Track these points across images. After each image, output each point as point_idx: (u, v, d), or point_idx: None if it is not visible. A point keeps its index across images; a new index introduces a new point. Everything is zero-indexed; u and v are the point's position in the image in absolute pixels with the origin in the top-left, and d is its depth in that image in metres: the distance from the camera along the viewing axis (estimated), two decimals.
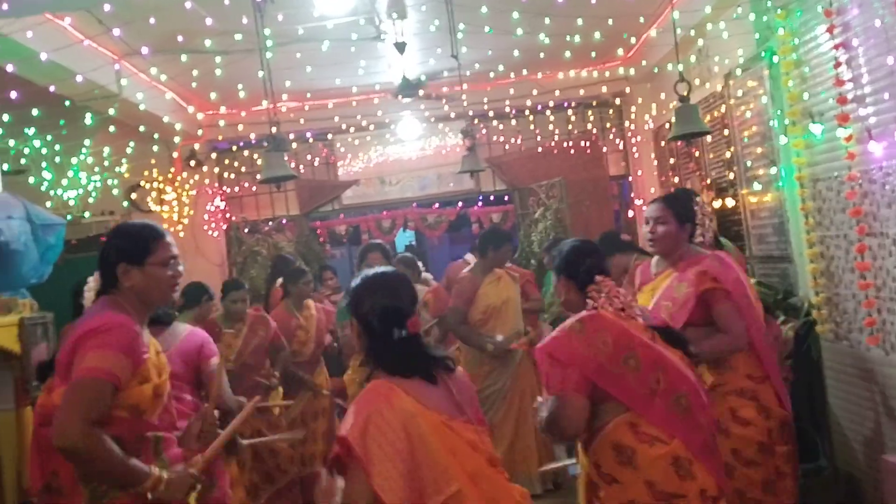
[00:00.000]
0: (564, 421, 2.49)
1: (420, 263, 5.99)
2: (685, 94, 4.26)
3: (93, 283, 2.42)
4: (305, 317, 5.81)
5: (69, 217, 4.50)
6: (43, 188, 5.57)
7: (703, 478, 2.43)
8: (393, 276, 2.36)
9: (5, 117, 4.41)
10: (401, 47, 5.43)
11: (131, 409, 2.22)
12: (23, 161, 4.55)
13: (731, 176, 5.51)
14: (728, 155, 5.54)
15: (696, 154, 6.25)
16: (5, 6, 3.60)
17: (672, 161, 6.96)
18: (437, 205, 8.89)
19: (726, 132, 5.51)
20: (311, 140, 8.23)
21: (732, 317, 3.12)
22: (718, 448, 2.59)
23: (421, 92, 6.31)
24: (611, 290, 2.61)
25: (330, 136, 8.23)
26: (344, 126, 7.92)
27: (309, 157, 8.32)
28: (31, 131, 4.57)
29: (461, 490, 2.03)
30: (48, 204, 5.33)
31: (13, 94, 4.50)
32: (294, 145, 7.82)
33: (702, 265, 3.21)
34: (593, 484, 2.54)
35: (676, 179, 6.84)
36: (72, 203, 5.43)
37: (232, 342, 5.06)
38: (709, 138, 5.81)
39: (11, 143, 4.30)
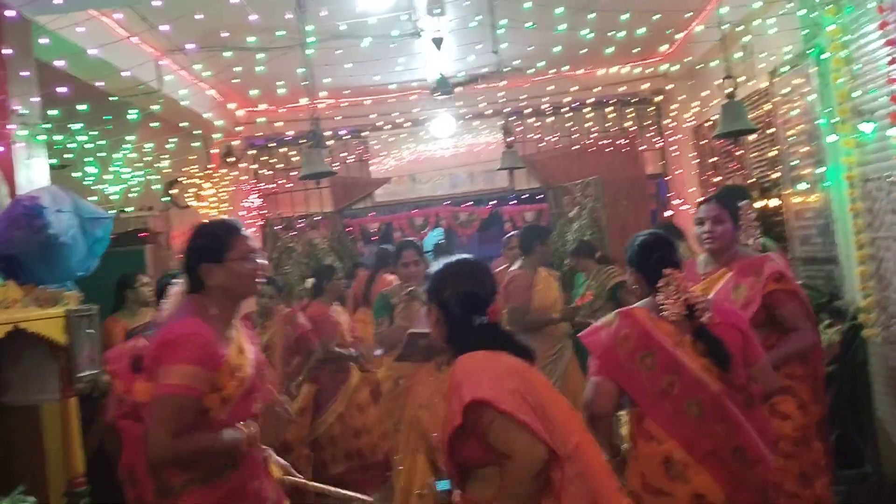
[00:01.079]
0: (594, 402, 2.65)
1: None
2: (731, 90, 4.20)
3: (178, 285, 2.45)
4: (338, 313, 5.89)
5: (112, 212, 4.55)
6: (86, 183, 5.64)
7: (702, 482, 2.48)
8: (474, 263, 2.37)
9: (54, 112, 4.47)
10: (438, 42, 5.42)
11: (200, 413, 2.31)
12: (66, 156, 4.61)
13: (775, 176, 5.42)
14: (772, 154, 5.45)
15: (739, 153, 6.16)
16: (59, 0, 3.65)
17: (713, 160, 6.87)
18: (469, 203, 8.88)
19: (770, 131, 5.42)
20: (346, 137, 8.25)
21: (800, 316, 3.13)
22: (749, 460, 2.53)
23: (459, 88, 6.29)
24: (679, 284, 2.64)
25: (364, 134, 8.25)
26: (379, 123, 7.93)
27: (343, 154, 8.34)
28: (77, 126, 4.62)
29: (580, 444, 2.09)
30: (92, 199, 5.39)
31: (61, 90, 4.55)
32: (330, 142, 7.86)
33: (768, 266, 3.17)
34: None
35: (718, 179, 6.75)
36: (114, 198, 5.49)
37: (260, 339, 5.17)
38: (752, 137, 5.72)
39: (59, 137, 4.35)
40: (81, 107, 4.72)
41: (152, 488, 2.32)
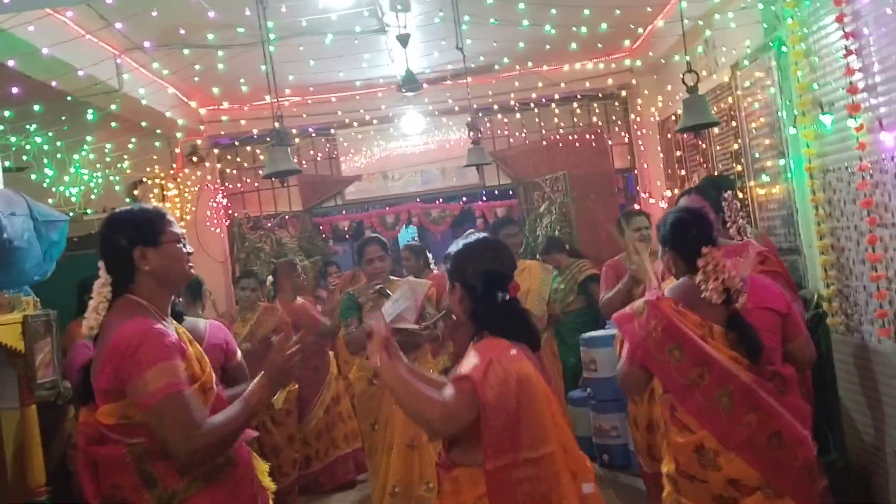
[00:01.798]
0: (625, 384, 2.80)
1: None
2: (693, 84, 4.22)
3: (100, 283, 2.26)
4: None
5: (71, 214, 4.46)
6: (45, 185, 5.52)
7: (734, 468, 2.49)
8: (494, 242, 2.46)
9: (6, 113, 4.37)
10: (404, 40, 5.39)
11: None
12: (24, 158, 4.50)
13: (739, 168, 5.46)
14: (735, 147, 5.49)
15: (703, 146, 6.20)
16: (6, 0, 3.55)
17: (679, 154, 6.91)
18: (440, 200, 8.85)
19: (734, 124, 5.46)
20: (313, 135, 8.19)
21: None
22: (786, 444, 2.54)
23: (425, 85, 6.26)
24: (718, 264, 2.61)
25: (333, 131, 8.19)
26: (347, 120, 7.88)
27: (311, 152, 8.28)
28: (32, 127, 4.52)
29: (554, 453, 2.16)
30: (50, 201, 5.29)
31: (14, 90, 4.46)
32: (296, 140, 7.79)
33: (751, 248, 3.21)
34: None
35: (683, 172, 6.79)
36: (74, 200, 5.38)
37: (240, 331, 5.17)
38: (716, 130, 5.76)
39: (13, 139, 4.25)
40: (36, 107, 4.63)
41: (148, 501, 2.18)
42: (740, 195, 5.50)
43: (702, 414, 2.55)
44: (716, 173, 5.85)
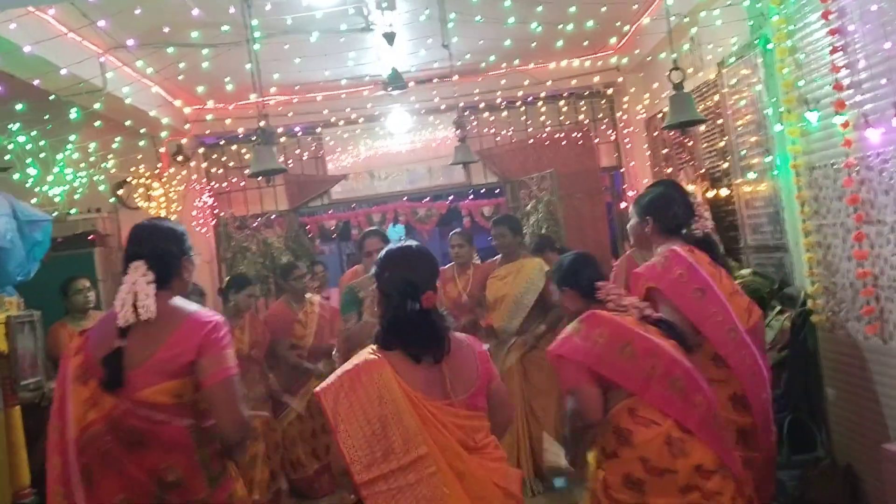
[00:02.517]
0: (584, 409, 2.79)
1: None
2: (679, 82, 4.22)
3: (146, 279, 2.45)
4: (305, 312, 5.82)
5: (55, 214, 4.41)
6: (28, 185, 5.47)
7: (699, 453, 2.69)
8: (414, 251, 2.48)
9: None
10: (390, 38, 5.36)
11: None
12: (7, 157, 4.45)
13: (725, 165, 5.48)
14: (722, 144, 5.50)
15: (690, 144, 6.22)
16: None
17: (665, 151, 6.92)
18: (427, 198, 8.84)
19: (720, 121, 5.47)
20: (299, 134, 8.15)
21: (672, 317, 3.09)
22: (720, 424, 2.82)
23: (411, 84, 6.24)
24: (616, 293, 2.95)
25: (319, 130, 8.16)
26: (333, 119, 7.85)
27: (297, 151, 8.24)
28: (15, 126, 4.47)
29: (430, 454, 2.16)
30: (33, 201, 5.24)
31: None
32: (282, 139, 7.75)
33: (640, 267, 3.32)
34: (598, 460, 2.88)
35: (669, 170, 6.81)
36: (57, 200, 5.32)
37: (239, 337, 5.17)
38: (702, 128, 5.78)
39: None
40: (19, 106, 4.58)
41: (202, 482, 2.38)
42: (725, 192, 5.52)
43: (664, 402, 2.74)
44: (702, 171, 5.87)
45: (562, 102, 8.04)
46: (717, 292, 3.06)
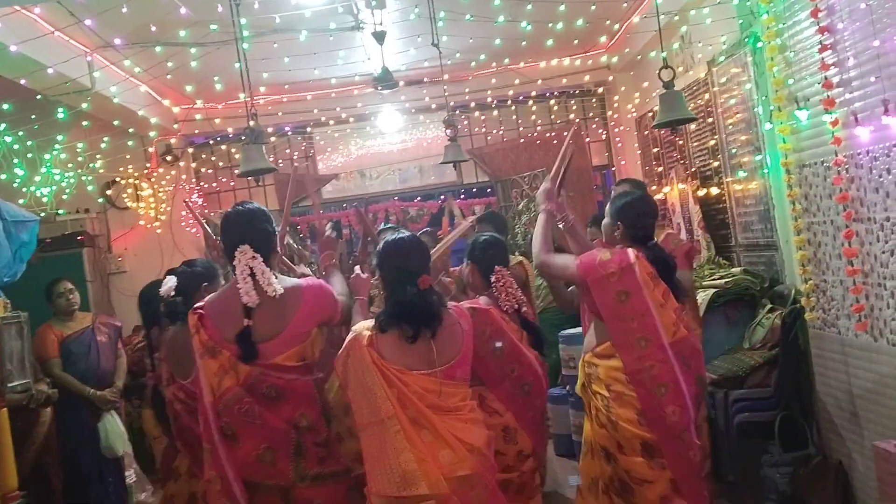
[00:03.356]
0: None
1: None
2: (669, 80, 4.21)
3: (259, 262, 2.73)
4: None
5: (42, 214, 4.37)
6: (15, 185, 5.42)
7: (523, 442, 3.23)
8: (406, 241, 2.83)
9: None
10: (380, 37, 5.34)
11: None
12: None
13: (716, 164, 5.48)
14: (712, 143, 5.51)
15: (680, 142, 6.22)
16: None
17: (656, 150, 6.93)
18: (418, 198, 8.81)
19: (710, 120, 5.48)
20: (289, 134, 8.12)
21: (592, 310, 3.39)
22: (544, 424, 3.49)
23: (401, 83, 6.22)
24: (506, 282, 3.32)
25: (309, 130, 8.13)
26: (323, 119, 7.82)
27: (288, 151, 8.21)
28: (1, 127, 4.43)
29: (395, 416, 2.56)
30: (21, 201, 5.19)
31: None
32: (272, 139, 7.72)
33: (584, 254, 3.49)
34: None
35: (660, 168, 6.81)
36: (45, 200, 5.28)
37: None
38: (692, 126, 5.78)
39: None
40: (5, 106, 4.54)
41: (324, 424, 2.83)
42: (716, 191, 5.52)
43: (509, 399, 3.22)
44: (693, 169, 5.87)
45: (552, 101, 8.04)
46: (645, 300, 3.08)
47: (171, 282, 3.32)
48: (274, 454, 2.69)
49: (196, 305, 2.85)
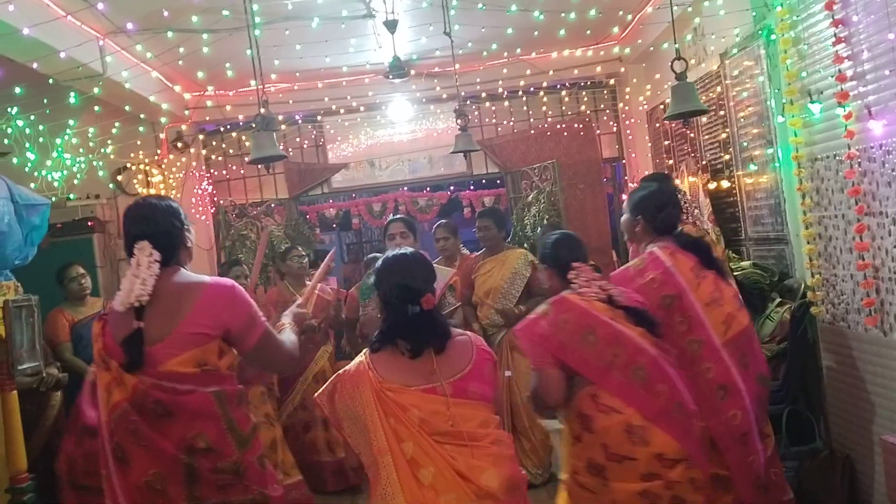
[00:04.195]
0: (543, 391, 2.86)
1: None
2: (682, 71, 4.19)
3: (148, 259, 2.51)
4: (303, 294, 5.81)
5: (53, 199, 4.39)
6: (27, 169, 5.45)
7: (660, 442, 2.70)
8: (409, 258, 2.59)
9: None
10: (391, 25, 5.33)
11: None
12: (6, 141, 4.43)
13: (727, 157, 5.45)
14: (724, 136, 5.48)
15: (691, 135, 6.19)
16: None
17: (667, 143, 6.90)
18: (427, 189, 8.81)
19: (722, 113, 5.45)
20: (300, 122, 8.12)
21: None
22: (687, 413, 2.79)
23: (412, 72, 6.21)
24: (587, 276, 2.97)
25: (319, 118, 8.13)
26: (333, 107, 7.82)
27: (298, 139, 8.21)
28: (13, 111, 4.44)
29: (388, 450, 2.28)
30: (32, 185, 5.21)
31: None
32: (283, 127, 7.72)
33: (615, 272, 3.44)
34: (566, 444, 2.92)
35: (671, 161, 6.78)
36: (56, 185, 5.30)
37: None
38: (704, 119, 5.75)
39: None
40: (17, 90, 4.55)
41: (232, 446, 2.46)
42: (726, 184, 5.50)
43: (623, 391, 2.76)
44: (703, 163, 5.84)
45: (564, 92, 8.01)
46: (691, 301, 3.06)
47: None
48: (164, 481, 2.38)
49: (103, 312, 2.66)
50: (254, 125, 4.44)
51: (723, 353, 3.04)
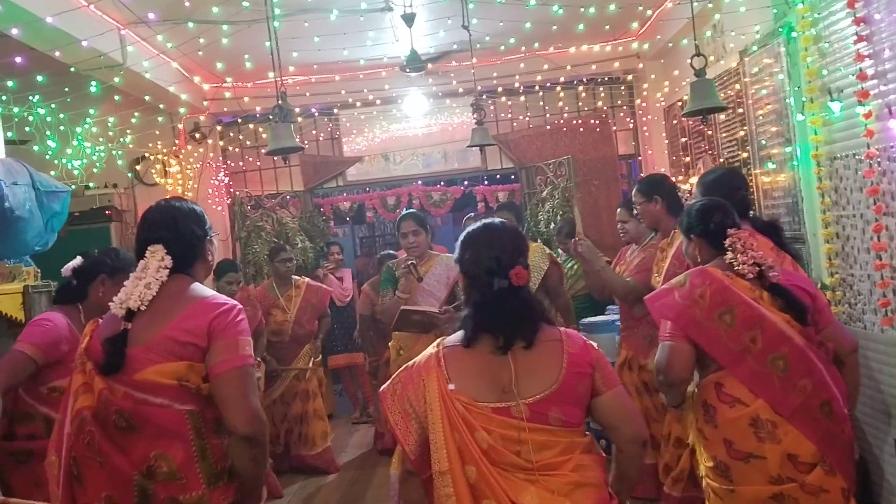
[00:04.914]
0: (670, 365, 2.60)
1: None
2: (701, 67, 4.18)
3: (158, 265, 2.30)
4: (288, 296, 5.87)
5: (73, 187, 4.43)
6: (47, 157, 5.50)
7: (792, 441, 2.43)
8: (497, 226, 2.26)
9: (9, 83, 4.34)
10: (409, 19, 5.33)
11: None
12: (27, 129, 4.47)
13: (745, 155, 5.43)
14: (741, 134, 5.45)
15: (709, 133, 6.17)
16: None
17: (684, 140, 6.87)
18: (441, 183, 8.83)
19: (740, 110, 5.42)
20: (316, 115, 8.15)
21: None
22: (837, 417, 2.50)
23: (429, 65, 6.21)
24: (745, 242, 2.68)
25: (335, 111, 8.15)
26: (350, 100, 7.84)
27: (314, 132, 8.24)
28: (35, 98, 4.49)
29: (450, 472, 1.97)
30: (52, 173, 5.26)
31: (17, 60, 4.43)
32: (299, 120, 7.75)
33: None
34: (696, 441, 2.72)
35: (688, 159, 6.76)
36: (76, 173, 5.35)
37: None
38: (722, 117, 5.73)
39: (15, 110, 4.21)
40: (39, 78, 4.60)
41: (199, 477, 2.15)
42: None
43: (755, 380, 2.48)
44: (721, 160, 5.82)
45: (580, 88, 8.00)
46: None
47: (76, 261, 3.13)
48: None
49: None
50: (271, 117, 4.46)
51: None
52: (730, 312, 2.52)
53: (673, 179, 7.13)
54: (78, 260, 3.14)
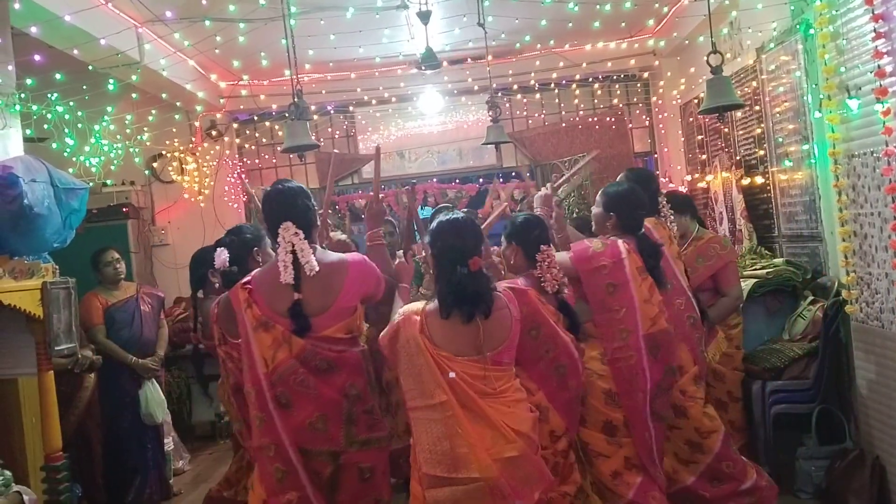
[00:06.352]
0: None
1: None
2: (718, 65, 4.15)
3: (300, 238, 2.86)
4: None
5: (91, 184, 4.46)
6: (65, 155, 5.54)
7: (555, 421, 3.11)
8: (460, 222, 2.84)
9: (28, 81, 4.38)
10: (424, 17, 5.33)
11: None
12: (45, 126, 4.50)
13: (761, 153, 5.40)
14: (758, 131, 5.42)
15: (725, 131, 6.13)
16: None
17: (700, 138, 6.84)
18: (456, 180, 8.81)
19: (757, 108, 5.39)
20: (332, 112, 8.17)
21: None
22: (578, 405, 3.26)
23: (444, 63, 6.21)
24: (551, 262, 3.16)
25: (351, 109, 8.17)
26: (366, 98, 7.85)
27: (329, 129, 8.26)
28: (53, 96, 4.53)
29: (448, 401, 2.64)
30: (70, 170, 5.30)
31: (36, 58, 4.47)
32: (315, 117, 7.77)
33: (577, 243, 3.66)
34: None
35: (704, 157, 6.72)
36: (94, 171, 5.39)
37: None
38: (738, 114, 5.70)
39: (34, 107, 4.25)
40: (58, 76, 4.64)
41: (372, 393, 2.97)
42: (760, 180, 5.45)
43: (542, 379, 3.10)
44: (737, 158, 5.79)
45: (596, 86, 7.97)
46: (632, 294, 3.37)
47: (223, 254, 3.36)
48: (326, 422, 2.83)
49: (243, 281, 2.97)
50: (287, 114, 4.48)
51: (642, 344, 3.37)
52: (536, 329, 3.06)
53: (689, 178, 7.12)
54: (224, 253, 3.37)
